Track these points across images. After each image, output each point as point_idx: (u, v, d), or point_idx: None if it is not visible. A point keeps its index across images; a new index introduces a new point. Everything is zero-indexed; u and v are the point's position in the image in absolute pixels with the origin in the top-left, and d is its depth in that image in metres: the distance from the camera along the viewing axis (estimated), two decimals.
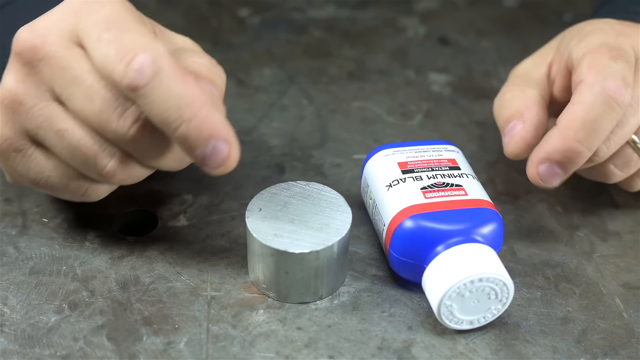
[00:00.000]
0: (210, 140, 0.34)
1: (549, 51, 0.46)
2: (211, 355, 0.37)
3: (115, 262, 0.42)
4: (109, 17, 0.35)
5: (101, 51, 0.34)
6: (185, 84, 0.34)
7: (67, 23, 0.36)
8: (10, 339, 0.37)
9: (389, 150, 0.43)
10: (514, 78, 0.46)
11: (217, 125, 0.34)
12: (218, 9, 0.66)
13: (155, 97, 0.33)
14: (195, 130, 0.34)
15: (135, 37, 0.34)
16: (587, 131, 0.39)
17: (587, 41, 0.42)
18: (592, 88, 0.39)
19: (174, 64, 0.34)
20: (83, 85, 0.35)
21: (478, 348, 0.38)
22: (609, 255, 0.44)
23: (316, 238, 0.38)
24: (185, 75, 0.34)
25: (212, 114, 0.34)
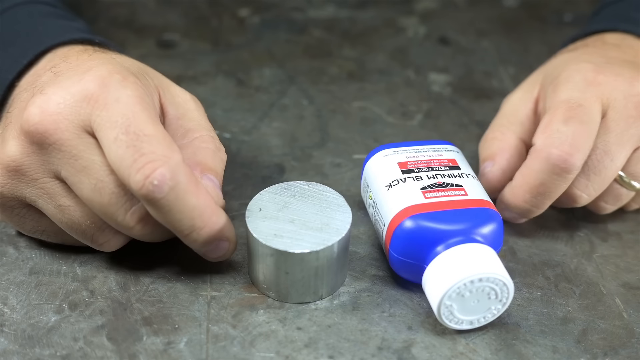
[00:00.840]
0: (215, 241, 0.37)
1: (535, 85, 0.47)
2: (211, 355, 0.37)
3: (115, 262, 0.42)
4: (126, 115, 0.35)
5: (118, 153, 0.35)
6: (199, 195, 0.36)
7: (80, 111, 0.36)
8: (10, 339, 0.37)
9: (389, 150, 0.43)
10: (502, 117, 0.47)
11: (223, 230, 0.37)
12: (218, 9, 0.66)
13: (171, 208, 0.35)
14: (204, 236, 0.37)
15: (154, 144, 0.35)
16: (533, 194, 0.42)
17: (555, 94, 0.43)
18: (539, 155, 0.41)
19: (190, 176, 0.35)
20: (92, 177, 0.36)
21: (478, 348, 0.38)
22: (609, 255, 0.44)
23: (316, 238, 0.38)
24: (198, 187, 0.36)
25: (219, 220, 0.37)
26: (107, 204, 0.36)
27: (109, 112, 0.35)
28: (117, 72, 0.37)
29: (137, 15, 0.64)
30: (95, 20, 0.62)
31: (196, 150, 0.39)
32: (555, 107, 0.42)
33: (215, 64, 0.59)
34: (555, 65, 0.46)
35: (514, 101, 0.47)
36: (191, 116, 0.41)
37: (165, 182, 0.34)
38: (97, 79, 0.36)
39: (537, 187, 0.41)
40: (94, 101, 0.36)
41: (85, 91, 0.36)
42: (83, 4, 0.64)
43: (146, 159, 0.34)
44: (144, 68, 0.41)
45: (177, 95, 0.41)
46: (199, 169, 0.39)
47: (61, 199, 0.37)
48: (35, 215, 0.39)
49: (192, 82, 0.57)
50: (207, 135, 0.40)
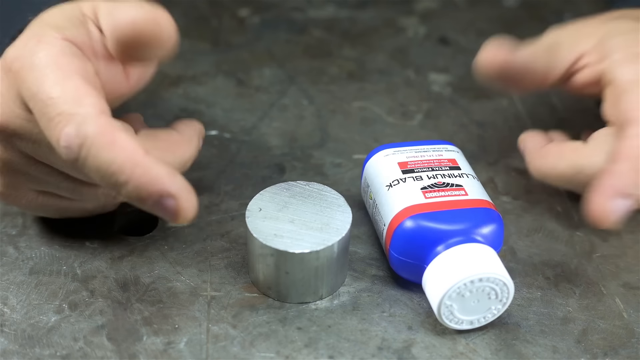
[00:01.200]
0: (152, 197, 0.33)
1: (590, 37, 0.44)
2: (211, 355, 0.37)
3: (115, 262, 0.42)
4: (36, 81, 0.34)
5: (40, 125, 0.34)
6: (113, 148, 0.32)
7: (13, 90, 0.35)
8: (10, 339, 0.37)
9: (389, 150, 0.43)
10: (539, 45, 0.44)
11: (156, 182, 0.32)
12: (218, 9, 0.66)
13: (88, 167, 0.33)
14: (133, 192, 0.33)
15: (59, 105, 0.33)
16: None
17: (635, 68, 0.41)
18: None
19: (101, 128, 0.33)
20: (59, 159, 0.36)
21: (478, 348, 0.38)
22: (609, 255, 0.44)
23: (316, 238, 0.38)
24: (113, 138, 0.32)
25: (149, 172, 0.32)
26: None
27: (25, 82, 0.34)
28: (33, 35, 0.36)
29: None
30: None
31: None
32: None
33: (215, 64, 0.59)
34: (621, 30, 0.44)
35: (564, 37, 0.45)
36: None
37: (71, 140, 0.32)
38: (12, 52, 0.36)
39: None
40: (15, 75, 0.35)
41: (6, 67, 0.36)
42: None
43: (54, 122, 0.33)
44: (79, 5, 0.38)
45: (117, 7, 0.37)
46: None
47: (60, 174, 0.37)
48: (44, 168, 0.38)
49: (192, 82, 0.57)
50: None
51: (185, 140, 0.39)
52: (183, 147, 0.39)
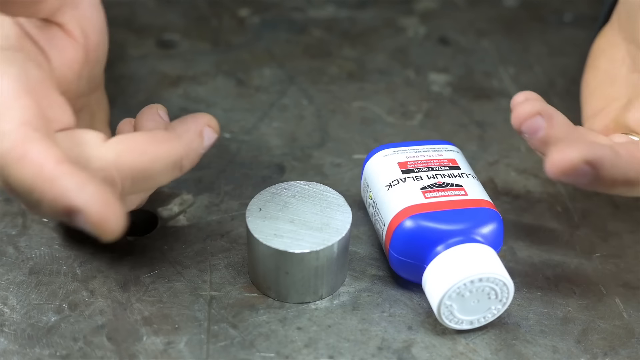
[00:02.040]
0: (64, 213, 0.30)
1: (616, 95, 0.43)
2: (211, 355, 0.37)
3: (115, 262, 0.42)
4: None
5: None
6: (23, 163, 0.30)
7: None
8: (10, 339, 0.37)
9: (389, 150, 0.43)
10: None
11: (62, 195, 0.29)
12: (218, 9, 0.66)
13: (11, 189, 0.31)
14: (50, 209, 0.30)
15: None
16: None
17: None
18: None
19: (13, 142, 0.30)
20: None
21: (478, 348, 0.38)
22: (609, 255, 0.44)
23: (316, 238, 0.38)
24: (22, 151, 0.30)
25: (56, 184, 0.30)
26: None
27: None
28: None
29: (137, 15, 0.64)
30: None
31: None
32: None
33: (215, 64, 0.59)
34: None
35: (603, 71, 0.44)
36: None
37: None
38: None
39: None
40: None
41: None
42: None
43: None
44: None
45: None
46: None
47: None
48: None
49: (192, 82, 0.57)
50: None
51: (171, 138, 0.35)
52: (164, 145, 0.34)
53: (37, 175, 0.30)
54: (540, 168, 0.50)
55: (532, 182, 0.49)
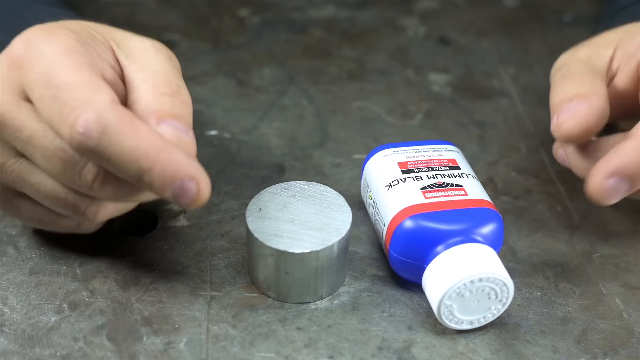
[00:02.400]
0: (175, 182, 0.33)
1: (609, 42, 0.43)
2: (211, 355, 0.37)
3: (115, 262, 0.42)
4: (47, 69, 0.33)
5: (45, 111, 0.33)
6: (136, 134, 0.32)
7: (12, 78, 0.35)
8: (10, 339, 0.37)
9: (389, 150, 0.43)
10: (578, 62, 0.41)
11: (179, 167, 0.33)
12: (218, 9, 0.66)
13: (109, 154, 0.32)
14: (158, 177, 0.33)
15: (75, 91, 0.33)
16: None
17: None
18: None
19: (121, 115, 0.32)
20: (39, 146, 0.35)
21: (478, 348, 0.38)
22: (609, 255, 0.44)
23: (316, 238, 0.38)
24: (134, 125, 0.33)
25: (172, 157, 0.33)
26: (61, 170, 0.34)
27: (33, 70, 0.34)
28: (44, 29, 0.35)
29: (137, 15, 0.64)
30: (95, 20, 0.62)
31: (150, 99, 0.36)
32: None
33: (215, 64, 0.59)
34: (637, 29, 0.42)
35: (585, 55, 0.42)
36: (149, 64, 0.37)
37: (90, 127, 0.32)
38: (21, 40, 0.35)
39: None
40: (20, 63, 0.34)
41: (11, 56, 0.35)
42: (83, 4, 0.64)
43: (68, 108, 0.32)
44: (92, 25, 0.38)
45: (134, 47, 0.38)
46: (154, 117, 0.35)
47: (30, 177, 0.36)
48: (27, 202, 0.38)
49: (192, 82, 0.57)
50: (162, 80, 0.36)
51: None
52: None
53: (152, 146, 0.32)
54: (540, 168, 0.50)
55: (532, 182, 0.49)
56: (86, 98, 0.32)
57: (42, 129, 0.34)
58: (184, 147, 0.35)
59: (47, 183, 0.36)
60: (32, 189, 0.37)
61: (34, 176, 0.36)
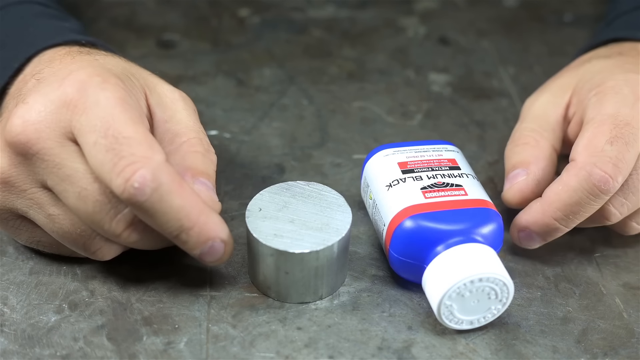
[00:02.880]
0: (207, 242, 0.36)
1: (566, 88, 0.45)
2: (211, 355, 0.37)
3: (115, 262, 0.41)
4: (105, 118, 0.35)
5: (98, 158, 0.34)
6: (184, 195, 0.35)
7: (61, 118, 0.35)
8: (10, 339, 0.37)
9: (389, 150, 0.43)
10: (530, 121, 0.45)
11: (214, 229, 0.36)
12: (218, 9, 0.66)
13: (156, 210, 0.34)
14: (195, 237, 0.36)
15: (133, 146, 0.34)
16: (566, 213, 0.40)
17: (600, 107, 0.41)
18: (579, 173, 0.39)
19: (173, 176, 0.35)
20: (76, 185, 0.35)
21: (478, 348, 0.38)
22: (609, 255, 0.44)
23: (316, 238, 0.38)
24: (182, 186, 0.35)
25: (209, 219, 0.36)
26: (92, 212, 0.35)
27: (88, 116, 0.35)
28: (97, 74, 0.36)
29: (137, 15, 0.64)
30: (95, 20, 0.62)
31: (185, 155, 0.38)
32: (601, 121, 0.40)
33: (215, 64, 0.59)
34: (594, 71, 0.45)
35: (542, 105, 0.45)
36: (179, 118, 0.40)
37: (146, 184, 0.33)
38: (76, 83, 0.36)
39: (572, 205, 0.39)
40: (74, 106, 0.35)
41: (65, 97, 0.36)
42: (83, 4, 0.64)
43: (126, 161, 0.34)
44: (128, 68, 0.40)
45: (164, 95, 0.40)
46: (190, 174, 0.38)
47: (50, 208, 0.37)
48: (29, 226, 0.39)
49: (192, 82, 0.57)
50: (196, 138, 0.39)
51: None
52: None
53: (195, 207, 0.35)
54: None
55: None
56: (144, 155, 0.34)
57: (83, 171, 0.35)
58: (214, 206, 0.37)
59: (65, 219, 0.37)
60: (46, 220, 0.37)
61: (54, 208, 0.37)
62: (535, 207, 0.41)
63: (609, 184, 0.38)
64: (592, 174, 0.38)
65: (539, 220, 0.41)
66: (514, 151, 0.44)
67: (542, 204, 0.41)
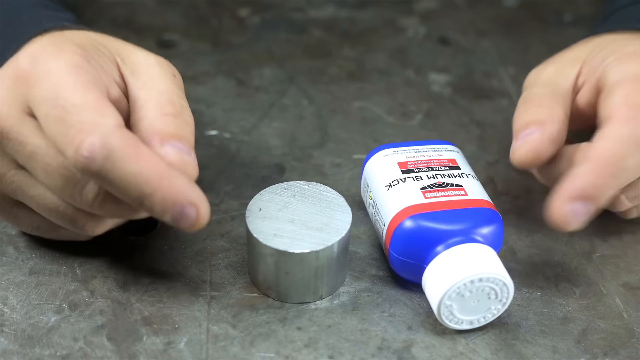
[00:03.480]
0: (175, 207, 0.34)
1: (576, 60, 0.44)
2: (211, 355, 0.37)
3: (115, 262, 0.42)
4: (54, 87, 0.34)
5: (50, 130, 0.33)
6: (140, 160, 0.33)
7: (18, 92, 0.35)
8: (10, 339, 0.37)
9: (389, 150, 0.43)
10: (542, 85, 0.43)
11: (180, 192, 0.33)
12: (218, 9, 0.66)
13: (111, 178, 0.33)
14: (159, 202, 0.33)
15: (81, 114, 0.33)
16: (617, 168, 0.37)
17: (626, 67, 0.40)
18: (622, 127, 0.37)
19: (126, 141, 0.33)
20: (41, 162, 0.35)
21: (478, 348, 0.38)
22: (609, 255, 0.44)
23: (316, 238, 0.38)
24: (138, 150, 0.33)
25: (174, 182, 0.33)
26: (61, 187, 0.35)
27: (39, 87, 0.34)
28: (52, 44, 0.35)
29: (137, 15, 0.64)
30: (95, 20, 0.62)
31: (153, 119, 0.36)
32: (633, 80, 0.39)
33: (215, 64, 0.59)
34: (606, 43, 0.43)
35: (551, 73, 0.43)
36: (153, 83, 0.37)
37: (95, 151, 0.32)
38: (28, 55, 0.35)
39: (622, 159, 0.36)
40: (26, 79, 0.34)
41: (18, 70, 0.35)
42: (83, 4, 0.64)
43: (74, 130, 0.32)
44: (98, 39, 0.38)
45: (139, 63, 0.38)
46: (158, 138, 0.35)
47: (31, 189, 0.36)
48: (25, 211, 0.38)
49: (192, 82, 0.57)
50: (166, 100, 0.37)
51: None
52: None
53: (154, 172, 0.33)
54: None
55: (532, 182, 0.49)
56: (92, 121, 0.33)
57: (45, 146, 0.34)
58: (186, 169, 0.35)
59: (46, 196, 0.37)
60: (32, 201, 0.37)
61: (33, 189, 0.36)
62: (586, 169, 0.36)
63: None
64: (637, 127, 0.36)
65: (595, 180, 0.36)
66: (527, 111, 0.41)
67: (590, 163, 0.36)
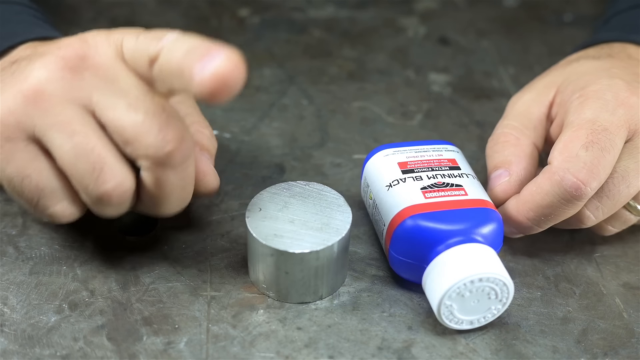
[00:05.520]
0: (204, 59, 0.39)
1: (550, 88, 0.45)
2: (211, 355, 0.37)
3: (115, 262, 0.42)
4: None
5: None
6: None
7: (115, 40, 0.37)
8: (10, 339, 0.37)
9: (389, 150, 0.43)
10: (513, 118, 0.45)
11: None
12: (218, 9, 0.66)
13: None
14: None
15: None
16: (538, 214, 0.40)
17: (581, 111, 0.41)
18: (552, 177, 0.39)
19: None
20: (128, 97, 0.35)
21: (478, 348, 0.38)
22: (609, 255, 0.44)
23: (316, 238, 0.38)
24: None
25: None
26: (141, 121, 0.35)
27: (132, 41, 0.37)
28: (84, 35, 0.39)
29: (137, 15, 0.64)
30: (95, 20, 0.62)
31: (195, 133, 0.41)
32: (578, 126, 0.40)
33: None
34: (580, 72, 0.44)
35: (526, 102, 0.45)
36: (189, 102, 0.43)
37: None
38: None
39: (544, 208, 0.39)
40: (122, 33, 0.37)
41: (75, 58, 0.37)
42: (83, 4, 0.64)
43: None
44: None
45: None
46: (198, 148, 0.40)
47: (78, 125, 0.35)
48: (30, 154, 0.36)
49: None
50: (204, 122, 0.42)
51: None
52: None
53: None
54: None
55: None
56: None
57: (136, 84, 0.36)
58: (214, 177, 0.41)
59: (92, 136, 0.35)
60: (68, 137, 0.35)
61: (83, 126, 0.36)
62: (512, 205, 0.41)
63: (580, 190, 0.38)
64: (564, 179, 0.38)
65: (513, 217, 0.41)
66: (494, 149, 0.44)
67: (517, 202, 0.41)
